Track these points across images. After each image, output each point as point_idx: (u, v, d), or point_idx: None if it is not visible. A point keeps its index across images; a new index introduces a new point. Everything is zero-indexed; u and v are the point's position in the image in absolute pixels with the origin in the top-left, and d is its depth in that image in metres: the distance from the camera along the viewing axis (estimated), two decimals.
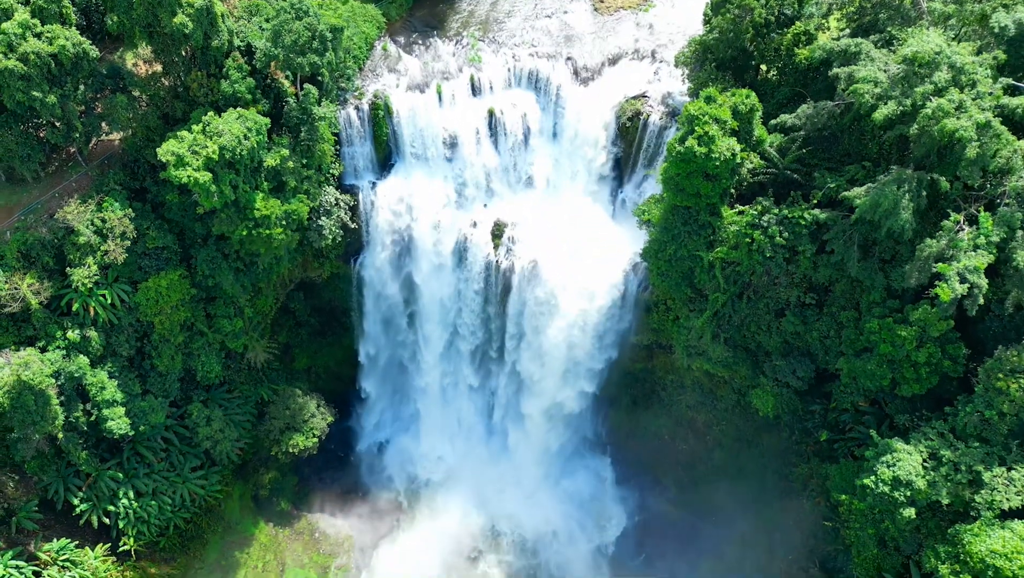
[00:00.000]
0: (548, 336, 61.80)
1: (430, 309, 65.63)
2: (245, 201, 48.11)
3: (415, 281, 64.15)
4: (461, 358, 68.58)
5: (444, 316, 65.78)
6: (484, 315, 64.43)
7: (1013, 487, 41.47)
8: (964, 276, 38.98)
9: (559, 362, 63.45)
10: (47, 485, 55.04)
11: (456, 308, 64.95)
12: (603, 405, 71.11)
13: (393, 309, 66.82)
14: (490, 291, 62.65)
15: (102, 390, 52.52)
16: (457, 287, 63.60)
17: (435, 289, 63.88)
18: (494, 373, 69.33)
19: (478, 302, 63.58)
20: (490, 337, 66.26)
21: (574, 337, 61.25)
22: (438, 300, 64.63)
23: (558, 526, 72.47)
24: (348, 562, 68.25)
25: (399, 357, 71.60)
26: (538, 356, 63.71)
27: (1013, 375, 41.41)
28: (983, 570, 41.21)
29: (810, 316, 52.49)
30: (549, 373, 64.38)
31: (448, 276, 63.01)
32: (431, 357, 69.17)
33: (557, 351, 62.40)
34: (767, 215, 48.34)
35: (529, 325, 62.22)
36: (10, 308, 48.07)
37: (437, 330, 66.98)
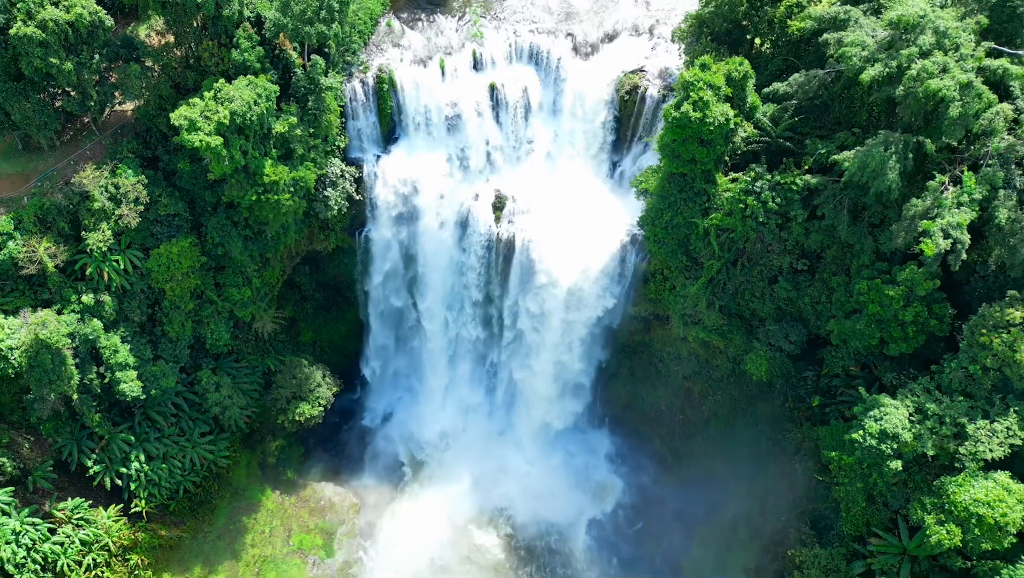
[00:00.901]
0: (548, 306, 63.38)
1: (433, 280, 67.20)
2: (255, 167, 49.71)
3: (418, 252, 65.72)
4: (464, 329, 70.11)
5: (447, 287, 67.37)
6: (486, 286, 65.97)
7: (996, 438, 43.06)
8: (947, 232, 40.55)
9: (559, 332, 65.00)
10: (61, 447, 56.70)
11: (458, 279, 66.49)
12: (601, 378, 72.70)
13: (397, 281, 68.40)
14: (491, 262, 64.21)
15: (115, 353, 54.16)
16: (459, 258, 65.16)
17: (438, 260, 65.45)
18: (496, 345, 70.88)
19: (480, 273, 65.13)
20: (492, 308, 67.79)
21: (573, 306, 62.79)
22: (441, 271, 66.21)
23: (556, 497, 73.89)
24: (353, 529, 69.84)
25: (403, 329, 73.20)
26: (539, 326, 65.28)
27: (996, 330, 43.01)
28: (967, 518, 42.84)
29: (802, 282, 54.12)
30: (549, 343, 65.91)
31: (450, 247, 64.56)
32: (434, 329, 70.78)
33: (557, 321, 63.95)
34: (760, 181, 49.90)
35: (530, 295, 63.73)
36: (27, 270, 49.69)
37: (440, 301, 68.59)
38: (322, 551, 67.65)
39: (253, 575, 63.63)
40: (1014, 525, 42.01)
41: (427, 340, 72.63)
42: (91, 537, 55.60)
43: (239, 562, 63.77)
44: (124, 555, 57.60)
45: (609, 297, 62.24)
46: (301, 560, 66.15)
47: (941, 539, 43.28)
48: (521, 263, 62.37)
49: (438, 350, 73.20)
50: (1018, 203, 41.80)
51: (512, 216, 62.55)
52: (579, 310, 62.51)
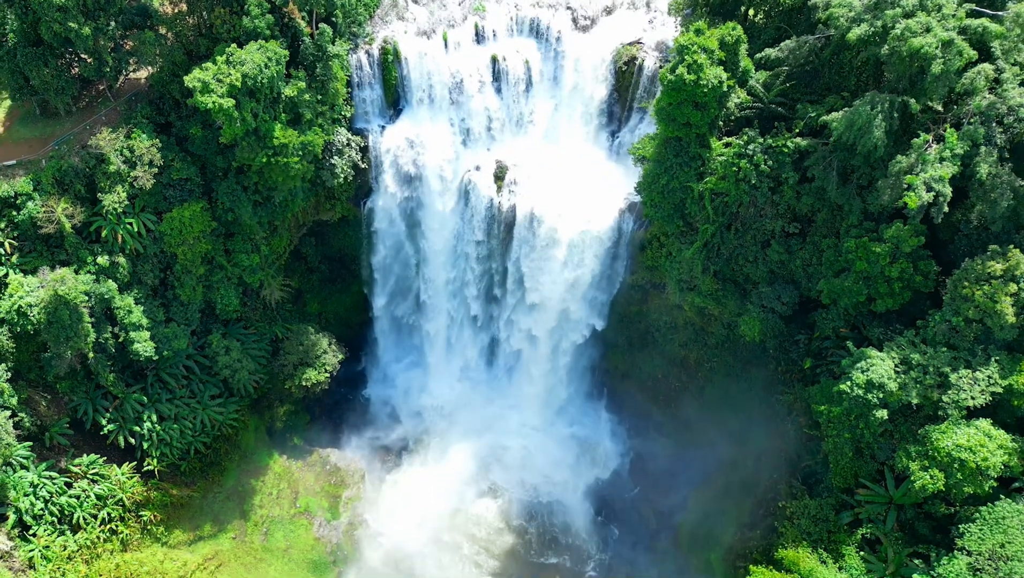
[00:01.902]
0: (548, 273, 65.17)
1: (436, 249, 69.01)
2: (265, 130, 51.51)
3: (422, 221, 67.56)
4: (466, 298, 71.94)
5: (449, 256, 69.21)
6: (488, 253, 67.77)
7: (977, 386, 44.84)
8: (930, 185, 42.31)
9: (559, 299, 66.77)
10: (77, 405, 58.55)
11: (461, 247, 68.30)
12: (599, 348, 74.51)
13: (400, 250, 70.23)
14: (493, 230, 66.00)
15: (129, 313, 56.01)
16: (462, 226, 66.97)
17: (440, 229, 67.26)
18: (497, 312, 72.71)
19: (482, 241, 66.92)
20: (493, 275, 69.60)
21: (573, 273, 64.57)
22: (443, 240, 68.02)
23: (555, 465, 75.88)
24: (358, 493, 71.78)
25: (406, 299, 75.04)
26: (539, 293, 67.02)
27: (977, 283, 44.78)
28: (949, 463, 44.63)
29: (794, 245, 55.93)
30: (550, 309, 67.69)
31: (453, 216, 66.37)
32: (437, 297, 72.62)
33: (557, 287, 65.73)
34: (752, 144, 51.67)
35: (530, 263, 65.49)
36: (46, 229, 51.52)
37: (443, 270, 70.42)
38: (327, 513, 69.58)
39: (261, 534, 65.53)
40: (994, 469, 43.82)
41: (430, 311, 74.47)
42: (106, 492, 57.48)
43: (247, 522, 65.68)
44: (137, 511, 59.47)
45: (607, 263, 64.01)
46: (307, 521, 68.08)
47: (925, 484, 45.05)
48: (521, 230, 64.15)
49: (441, 321, 75.05)
50: (999, 159, 43.57)
51: (513, 185, 64.32)
52: (578, 273, 64.13)
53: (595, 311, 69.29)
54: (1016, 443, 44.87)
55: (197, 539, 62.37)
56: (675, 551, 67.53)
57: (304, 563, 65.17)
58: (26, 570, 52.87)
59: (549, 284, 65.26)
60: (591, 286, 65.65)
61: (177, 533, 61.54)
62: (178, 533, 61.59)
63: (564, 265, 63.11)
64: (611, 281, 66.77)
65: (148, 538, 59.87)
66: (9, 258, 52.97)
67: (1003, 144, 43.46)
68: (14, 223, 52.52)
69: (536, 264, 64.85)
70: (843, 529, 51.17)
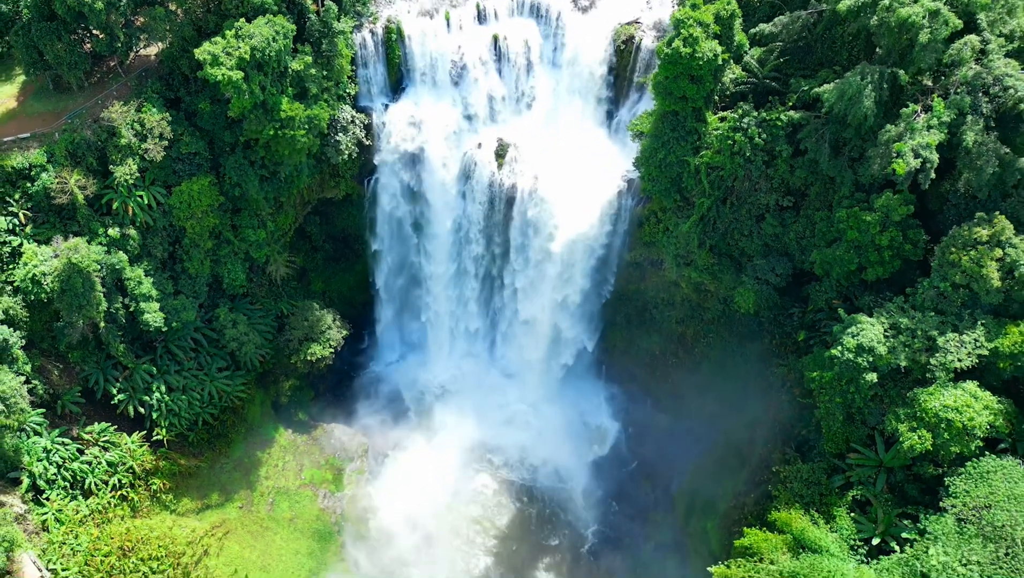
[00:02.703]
0: (549, 249, 66.54)
1: (438, 226, 70.40)
2: (272, 103, 52.92)
3: (424, 198, 68.97)
4: (467, 274, 73.36)
5: (451, 232, 70.54)
6: (489, 230, 69.16)
7: (964, 349, 46.18)
8: (918, 152, 43.70)
9: (559, 273, 68.16)
10: (88, 375, 59.99)
11: (463, 224, 69.69)
12: (598, 326, 75.93)
13: (403, 227, 71.64)
14: (494, 207, 67.41)
15: (139, 284, 57.45)
16: (464, 204, 68.36)
17: (443, 206, 68.66)
18: (499, 292, 74.08)
19: (483, 218, 68.33)
20: (494, 251, 70.97)
21: (572, 249, 65.98)
22: (446, 217, 69.38)
23: (555, 440, 77.30)
24: (362, 466, 73.24)
25: (409, 277, 76.50)
26: (539, 269, 68.45)
27: (964, 248, 46.16)
28: (937, 424, 45.94)
29: (788, 218, 57.34)
30: (549, 285, 69.08)
31: (455, 193, 67.76)
32: (439, 274, 74.01)
33: (557, 264, 67.12)
34: (747, 118, 53.08)
35: (531, 239, 66.91)
36: (59, 200, 52.95)
37: (445, 247, 71.80)
38: (332, 485, 71.06)
39: (267, 504, 66.99)
40: (980, 429, 45.13)
41: (432, 288, 75.88)
42: (116, 459, 58.93)
43: (254, 492, 67.15)
44: (147, 479, 60.90)
45: (605, 238, 65.42)
46: (312, 493, 69.54)
47: (913, 444, 46.37)
48: (523, 207, 65.55)
49: (443, 298, 76.43)
50: (985, 128, 44.93)
51: (514, 163, 65.72)
52: (577, 250, 65.53)
53: (593, 289, 70.56)
54: (1002, 404, 46.22)
55: (205, 508, 63.84)
56: (672, 521, 69.01)
57: (309, 532, 66.62)
58: (40, 532, 54.33)
59: (549, 260, 66.59)
60: (589, 261, 67.00)
61: (185, 501, 63.02)
62: (186, 501, 63.07)
63: (564, 246, 64.43)
64: (609, 258, 68.10)
65: (157, 505, 61.34)
66: (23, 228, 54.40)
67: (989, 113, 44.82)
68: (28, 194, 53.96)
69: (536, 242, 66.25)
70: (834, 492, 52.52)
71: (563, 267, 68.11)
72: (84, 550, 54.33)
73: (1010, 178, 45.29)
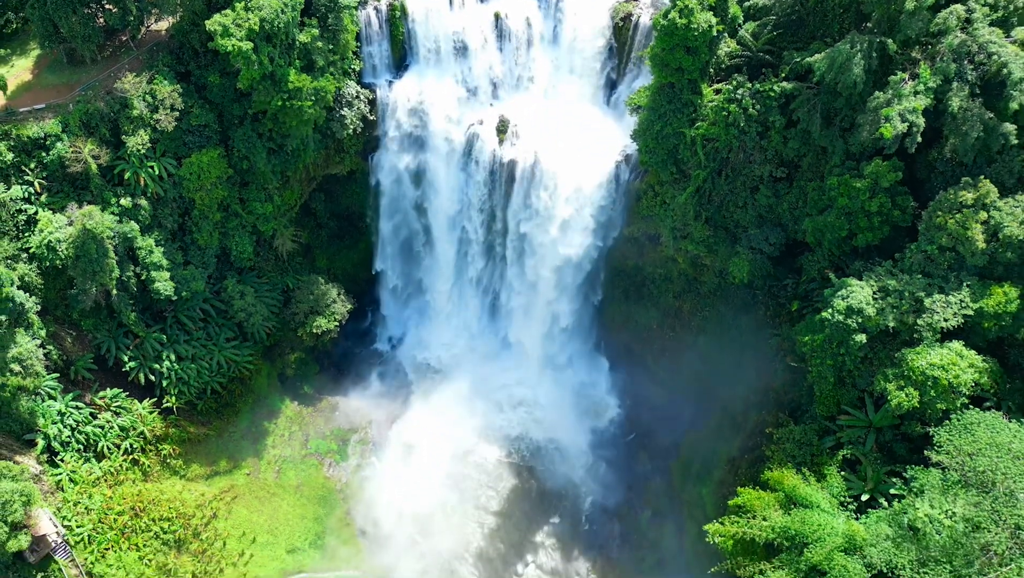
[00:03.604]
0: (548, 224, 68.12)
1: (440, 201, 72.04)
2: (280, 75, 54.54)
3: (427, 174, 70.59)
4: (469, 250, 74.93)
5: (453, 208, 72.16)
6: (491, 204, 70.73)
7: (950, 309, 47.67)
8: (904, 116, 45.25)
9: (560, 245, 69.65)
10: (100, 342, 61.65)
11: (464, 199, 71.28)
12: (597, 302, 77.47)
13: (406, 202, 73.31)
14: (496, 181, 69.00)
15: (150, 253, 59.11)
16: (465, 179, 69.94)
17: (445, 181, 70.30)
18: (499, 264, 75.64)
19: (484, 193, 69.92)
20: (496, 229, 72.50)
21: (571, 223, 67.53)
22: (447, 192, 71.02)
23: (555, 414, 78.91)
24: (365, 437, 74.92)
25: (411, 253, 78.10)
26: (539, 242, 69.99)
27: (950, 212, 47.71)
28: (923, 381, 47.45)
29: (781, 189, 58.90)
30: (549, 259, 70.62)
31: (457, 169, 69.36)
32: (441, 250, 75.62)
33: (556, 237, 68.62)
34: (741, 89, 54.62)
35: (532, 213, 68.48)
36: (73, 168, 54.58)
37: (447, 223, 73.42)
38: (337, 455, 72.75)
39: (274, 472, 68.68)
40: (965, 386, 46.67)
41: (434, 264, 77.51)
42: (128, 424, 60.63)
43: (261, 460, 68.83)
44: (157, 445, 62.60)
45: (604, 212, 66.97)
46: (318, 462, 71.26)
47: (901, 402, 47.90)
48: (523, 181, 67.13)
49: (445, 274, 78.07)
50: (970, 95, 46.41)
51: (515, 139, 67.29)
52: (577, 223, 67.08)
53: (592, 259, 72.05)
54: (986, 363, 47.76)
55: (213, 474, 65.52)
56: (669, 490, 70.64)
57: (314, 499, 68.31)
58: (54, 492, 56.02)
59: (549, 233, 68.14)
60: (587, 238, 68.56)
61: (195, 467, 64.68)
62: (195, 467, 64.73)
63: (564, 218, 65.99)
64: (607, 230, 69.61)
65: (167, 471, 63.01)
66: (39, 197, 56.03)
67: (974, 80, 46.29)
68: (43, 164, 55.59)
69: (536, 216, 67.81)
70: (825, 452, 54.12)
71: (562, 240, 69.63)
72: (98, 509, 56.04)
73: (994, 143, 46.79)
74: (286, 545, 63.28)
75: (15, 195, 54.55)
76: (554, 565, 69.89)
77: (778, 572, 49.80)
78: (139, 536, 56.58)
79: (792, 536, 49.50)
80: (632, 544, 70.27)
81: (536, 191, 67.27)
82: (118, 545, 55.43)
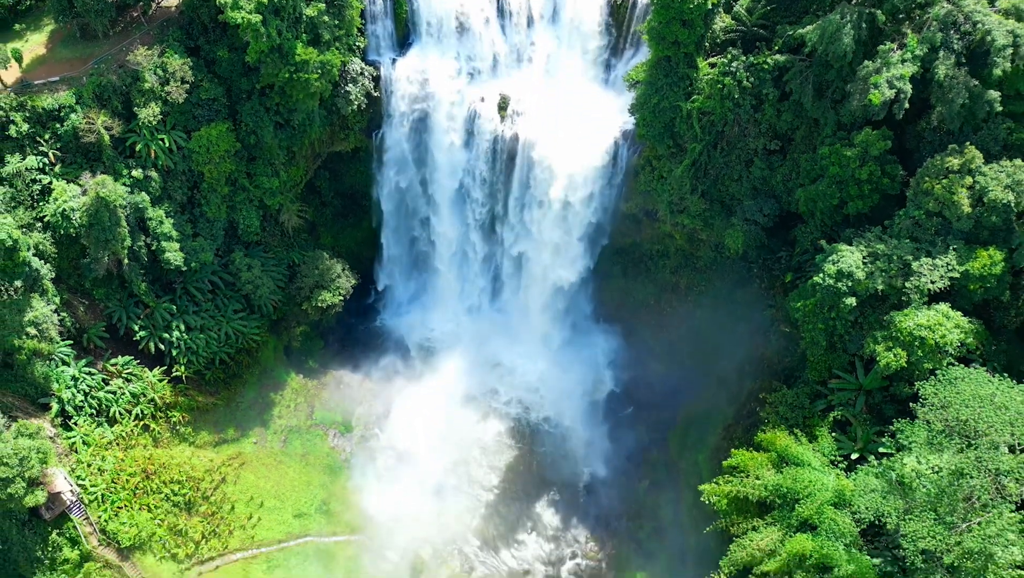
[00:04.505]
0: (548, 198, 69.72)
1: (442, 178, 73.57)
2: (288, 48, 56.16)
3: (429, 151, 72.15)
4: (471, 226, 76.51)
5: (455, 185, 73.71)
6: (492, 180, 72.31)
7: (937, 271, 49.27)
8: (892, 83, 46.82)
9: (556, 224, 71.31)
10: (112, 312, 63.31)
11: (466, 176, 72.86)
12: (596, 279, 79.08)
13: (409, 180, 74.84)
14: (497, 158, 70.57)
15: (161, 224, 60.77)
16: (467, 155, 71.51)
17: (447, 158, 71.81)
18: (500, 240, 77.19)
19: (486, 169, 71.49)
20: (497, 203, 74.09)
21: (571, 198, 69.13)
22: (449, 169, 72.56)
23: (555, 387, 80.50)
24: (369, 409, 76.60)
25: (414, 230, 79.69)
26: (539, 218, 71.58)
27: (937, 177, 49.30)
28: (911, 342, 49.05)
29: (775, 162, 60.49)
30: (549, 233, 72.20)
31: (459, 145, 70.91)
32: (443, 227, 77.19)
33: (556, 212, 70.25)
34: (736, 62, 56.21)
35: (532, 188, 70.07)
36: (87, 138, 56.21)
37: (449, 199, 74.98)
38: (341, 426, 74.45)
39: (280, 441, 70.36)
40: (951, 346, 48.26)
41: (436, 240, 79.09)
42: (139, 391, 62.34)
43: (268, 430, 70.56)
44: (167, 412, 64.29)
45: (603, 186, 68.58)
46: (323, 432, 72.96)
47: (889, 362, 49.47)
48: (523, 157, 68.71)
49: (447, 251, 79.63)
50: (956, 63, 47.95)
51: (515, 116, 68.86)
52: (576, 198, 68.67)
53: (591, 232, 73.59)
54: (972, 324, 49.36)
55: (221, 441, 67.24)
56: (666, 460, 72.27)
57: (320, 467, 70.01)
58: (68, 454, 57.70)
59: (550, 206, 69.76)
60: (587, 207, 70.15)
61: (203, 434, 66.38)
62: (204, 435, 66.43)
63: (565, 191, 67.59)
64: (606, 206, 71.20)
65: (176, 437, 64.71)
66: (53, 168, 57.65)
67: (960, 49, 47.82)
68: (57, 135, 57.20)
69: (537, 190, 69.39)
70: (817, 414, 55.72)
71: (562, 215, 71.23)
72: (110, 470, 57.72)
73: (979, 111, 48.36)
74: (293, 510, 64.97)
75: (30, 165, 56.19)
76: (553, 533, 71.58)
77: (770, 528, 51.62)
78: (150, 497, 58.31)
79: (784, 493, 51.19)
80: (630, 513, 71.94)
81: (536, 167, 68.82)
82: (131, 505, 57.08)
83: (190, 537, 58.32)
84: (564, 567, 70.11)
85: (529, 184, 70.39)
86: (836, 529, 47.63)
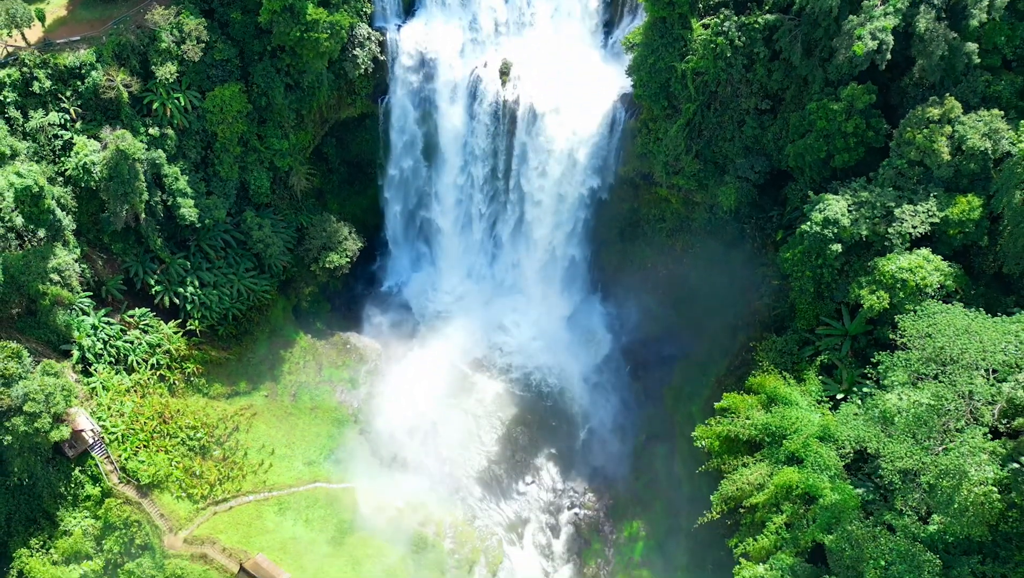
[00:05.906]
0: (549, 161, 72.20)
1: (446, 143, 76.03)
2: (299, 7, 58.64)
3: (433, 116, 74.61)
4: (474, 191, 79.02)
5: (459, 149, 76.18)
6: (494, 144, 74.79)
7: (918, 216, 51.78)
8: (875, 34, 49.28)
9: (558, 188, 73.81)
10: (129, 266, 65.86)
11: (469, 140, 75.32)
12: (595, 243, 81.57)
13: (413, 145, 77.30)
14: (499, 122, 73.04)
15: (176, 181, 63.32)
16: (470, 120, 73.99)
17: (451, 123, 74.26)
18: (503, 205, 79.70)
19: (489, 133, 73.96)
20: (499, 167, 76.56)
21: (571, 160, 71.61)
22: (453, 134, 75.01)
23: (555, 348, 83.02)
24: (375, 368, 79.14)
25: (418, 195, 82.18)
26: (541, 181, 74.05)
27: (918, 127, 51.77)
28: (893, 284, 51.51)
29: (766, 121, 62.94)
30: (550, 196, 74.71)
31: (462, 109, 73.39)
32: (447, 192, 79.70)
33: (557, 174, 72.74)
34: (728, 22, 58.64)
35: (532, 152, 72.53)
36: (107, 94, 58.71)
37: (453, 164, 77.45)
38: (348, 384, 77.00)
39: (290, 395, 72.96)
40: (931, 287, 50.68)
41: (440, 205, 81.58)
42: (155, 341, 64.89)
43: (278, 384, 73.11)
44: (182, 363, 66.82)
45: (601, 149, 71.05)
46: (331, 388, 75.51)
47: (873, 304, 51.94)
48: (525, 120, 71.16)
49: (451, 216, 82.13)
50: (936, 17, 50.38)
51: (517, 80, 71.33)
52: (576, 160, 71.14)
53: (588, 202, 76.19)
54: (952, 268, 51.80)
55: (234, 393, 69.81)
56: (662, 414, 74.72)
57: (328, 420, 72.57)
58: (89, 399, 60.28)
59: (551, 169, 72.26)
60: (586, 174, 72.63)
61: (216, 386, 68.96)
62: (217, 386, 69.01)
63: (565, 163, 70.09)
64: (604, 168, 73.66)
65: (191, 388, 67.28)
66: (74, 124, 60.16)
67: (940, 4, 50.27)
68: (78, 92, 59.67)
69: (538, 153, 71.90)
70: (805, 360, 58.21)
71: (562, 180, 73.72)
72: (129, 414, 60.29)
73: (959, 63, 50.80)
74: (303, 458, 67.54)
75: (52, 120, 58.68)
76: (552, 484, 74.20)
77: (759, 464, 54.19)
78: (167, 440, 60.87)
79: (772, 432, 53.77)
80: (627, 465, 74.55)
81: (537, 131, 71.29)
82: (149, 445, 59.70)
83: (205, 479, 60.89)
84: (563, 516, 72.79)
85: (529, 148, 72.82)
86: (821, 462, 50.20)
